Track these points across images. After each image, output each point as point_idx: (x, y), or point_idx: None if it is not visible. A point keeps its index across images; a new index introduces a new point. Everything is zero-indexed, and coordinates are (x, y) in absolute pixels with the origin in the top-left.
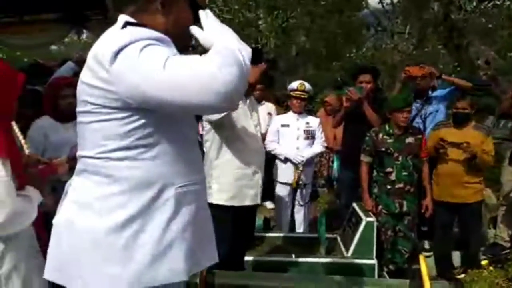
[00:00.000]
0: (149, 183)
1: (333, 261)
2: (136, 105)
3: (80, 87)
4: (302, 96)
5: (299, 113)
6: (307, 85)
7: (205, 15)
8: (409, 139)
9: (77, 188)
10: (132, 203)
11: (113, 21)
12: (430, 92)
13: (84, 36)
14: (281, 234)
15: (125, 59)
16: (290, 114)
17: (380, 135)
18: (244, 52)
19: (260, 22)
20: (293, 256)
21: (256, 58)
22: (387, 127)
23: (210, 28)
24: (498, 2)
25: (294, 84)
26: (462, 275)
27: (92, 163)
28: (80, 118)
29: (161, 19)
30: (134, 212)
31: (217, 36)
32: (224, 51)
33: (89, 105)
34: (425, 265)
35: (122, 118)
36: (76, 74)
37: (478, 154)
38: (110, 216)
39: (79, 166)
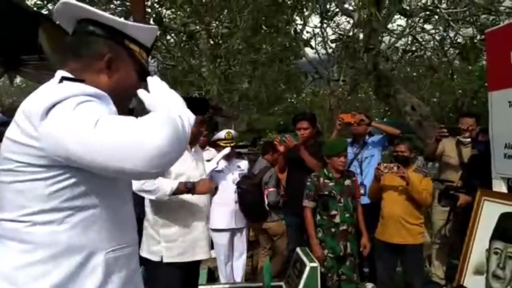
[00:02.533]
0: (76, 249)
1: None
2: (65, 164)
3: (4, 143)
4: (231, 144)
5: (230, 159)
6: (234, 133)
7: (153, 81)
8: (347, 182)
9: None
10: (56, 271)
11: (48, 66)
12: (366, 137)
13: (17, 80)
14: (226, 286)
15: (57, 115)
16: (221, 161)
17: (322, 180)
18: (185, 117)
19: (203, 70)
20: None
21: (202, 108)
22: (325, 171)
23: (157, 94)
24: (420, 53)
25: (222, 134)
26: None
27: (12, 228)
28: (0, 177)
29: (105, 79)
30: (58, 282)
31: (162, 102)
32: (161, 115)
33: (12, 163)
34: None
35: (49, 177)
36: (4, 124)
37: (416, 185)
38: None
39: None
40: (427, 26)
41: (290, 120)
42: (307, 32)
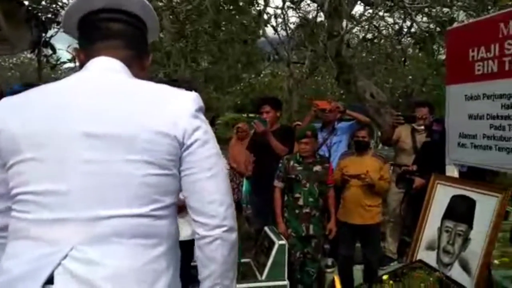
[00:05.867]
0: (176, 239)
1: (248, 286)
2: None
3: (139, 132)
4: None
5: None
6: None
7: None
8: (317, 167)
9: (100, 260)
10: (173, 262)
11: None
12: (335, 124)
13: None
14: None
15: (202, 125)
16: None
17: (291, 163)
18: None
19: (168, 48)
20: None
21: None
22: (297, 156)
23: None
24: (376, 41)
25: None
26: None
27: (133, 223)
28: (127, 168)
29: (143, 73)
30: (174, 273)
31: None
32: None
33: (152, 155)
34: (339, 286)
35: (177, 174)
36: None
37: (376, 182)
38: (158, 283)
39: (93, 230)
40: (385, 14)
41: (248, 101)
42: (267, 13)
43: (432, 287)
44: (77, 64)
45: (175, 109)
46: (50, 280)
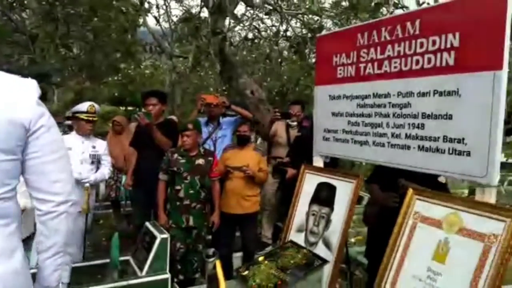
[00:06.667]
0: (20, 218)
1: (128, 283)
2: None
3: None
4: (92, 118)
5: (87, 135)
6: (97, 107)
7: None
8: (199, 161)
9: None
10: (20, 237)
11: None
12: (220, 118)
13: None
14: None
15: (45, 111)
16: (74, 135)
17: (175, 156)
18: None
19: (34, 31)
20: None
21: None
22: (181, 149)
23: None
24: (256, 41)
25: (84, 106)
26: (246, 272)
27: None
28: None
29: None
30: (22, 247)
31: None
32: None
33: (6, 142)
34: (220, 270)
35: (20, 158)
36: None
37: (256, 174)
38: (16, 253)
39: None
40: (265, 17)
41: (127, 93)
42: (149, 2)
43: (300, 262)
44: None
45: (20, 97)
46: None
